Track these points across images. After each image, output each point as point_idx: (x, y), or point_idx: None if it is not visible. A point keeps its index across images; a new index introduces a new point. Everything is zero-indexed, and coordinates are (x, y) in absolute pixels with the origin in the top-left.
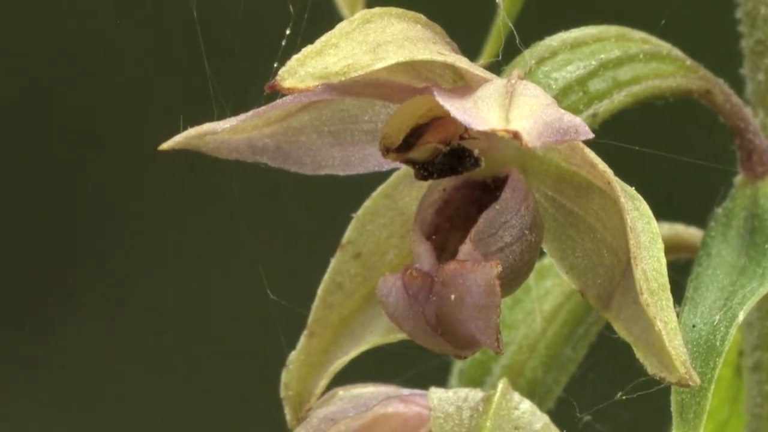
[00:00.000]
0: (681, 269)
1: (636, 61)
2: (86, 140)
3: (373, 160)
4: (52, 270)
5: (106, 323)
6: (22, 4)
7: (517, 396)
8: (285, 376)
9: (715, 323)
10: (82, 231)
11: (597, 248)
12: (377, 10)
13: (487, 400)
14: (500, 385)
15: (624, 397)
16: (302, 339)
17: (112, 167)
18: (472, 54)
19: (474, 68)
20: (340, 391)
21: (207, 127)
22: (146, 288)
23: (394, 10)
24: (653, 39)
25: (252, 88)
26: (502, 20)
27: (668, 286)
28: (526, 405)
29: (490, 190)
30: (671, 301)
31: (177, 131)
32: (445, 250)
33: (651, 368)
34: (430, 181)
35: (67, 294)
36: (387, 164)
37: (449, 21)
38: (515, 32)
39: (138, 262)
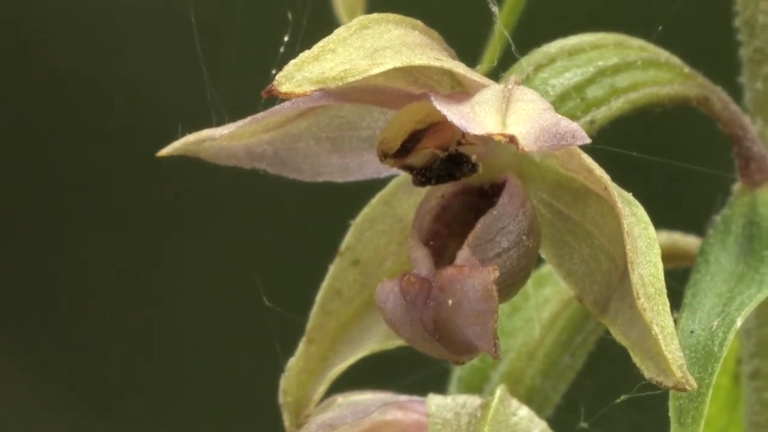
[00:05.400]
0: (680, 277)
1: (634, 69)
2: (84, 145)
3: (372, 167)
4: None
5: (102, 325)
6: (20, 6)
7: (515, 402)
8: (283, 383)
9: (713, 329)
10: (78, 233)
11: (594, 254)
12: (375, 16)
13: (485, 407)
14: (498, 392)
15: (621, 400)
16: (301, 346)
17: (110, 172)
18: (469, 61)
19: (471, 74)
20: (339, 398)
21: (205, 133)
22: (141, 294)
23: (391, 16)
24: (651, 46)
25: (250, 94)
26: (500, 27)
27: (665, 290)
28: (523, 411)
29: (487, 196)
30: (668, 305)
31: (175, 137)
32: (443, 256)
33: (648, 373)
34: (428, 188)
35: (62, 296)
36: (385, 171)
37: (447, 28)
38: (512, 39)
39: (133, 268)
